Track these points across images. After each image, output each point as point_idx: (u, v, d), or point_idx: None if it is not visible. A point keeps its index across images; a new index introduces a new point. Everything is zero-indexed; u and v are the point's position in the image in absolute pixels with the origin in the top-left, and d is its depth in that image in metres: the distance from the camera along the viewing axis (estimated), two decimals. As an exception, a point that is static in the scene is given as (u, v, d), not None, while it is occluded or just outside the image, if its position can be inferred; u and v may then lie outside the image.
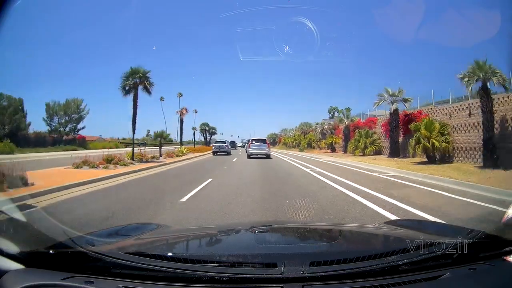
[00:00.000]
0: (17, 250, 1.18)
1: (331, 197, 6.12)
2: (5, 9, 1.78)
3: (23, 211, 3.89)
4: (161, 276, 1.08)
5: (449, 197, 6.20)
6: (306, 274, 1.07)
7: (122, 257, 1.14)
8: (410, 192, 6.71)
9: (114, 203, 5.56)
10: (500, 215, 4.00)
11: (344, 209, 5.01)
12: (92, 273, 1.11)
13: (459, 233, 1.45)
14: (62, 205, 5.33)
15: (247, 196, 6.18)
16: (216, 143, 28.43)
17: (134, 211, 4.84)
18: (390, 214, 4.62)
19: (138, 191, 7.22)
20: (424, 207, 5.08)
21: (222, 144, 28.08)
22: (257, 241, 1.69)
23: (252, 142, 21.59)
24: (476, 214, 4.77)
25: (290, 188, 7.40)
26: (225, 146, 27.80)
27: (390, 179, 9.13)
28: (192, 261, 1.14)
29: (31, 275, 1.10)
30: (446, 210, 5.02)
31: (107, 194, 6.69)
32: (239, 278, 1.07)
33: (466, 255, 1.19)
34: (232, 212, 4.80)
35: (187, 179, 9.13)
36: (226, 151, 27.19)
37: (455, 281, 1.12)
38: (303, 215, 4.76)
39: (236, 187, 7.45)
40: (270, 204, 5.36)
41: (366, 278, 1.10)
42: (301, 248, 1.55)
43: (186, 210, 4.99)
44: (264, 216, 4.62)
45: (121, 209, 4.97)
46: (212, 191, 6.93)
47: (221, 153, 26.58)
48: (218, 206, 5.23)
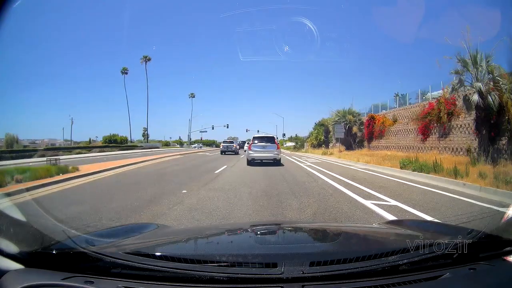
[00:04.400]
0: (17, 250, 1.18)
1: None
2: (5, 9, 1.78)
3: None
4: (161, 276, 1.08)
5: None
6: (306, 274, 1.07)
7: (122, 257, 1.14)
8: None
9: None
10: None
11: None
12: (92, 273, 1.11)
13: (459, 233, 1.45)
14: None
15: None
16: (224, 143, 28.80)
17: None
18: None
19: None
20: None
21: (230, 144, 28.51)
22: (257, 241, 1.69)
23: (254, 141, 14.29)
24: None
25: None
26: (232, 146, 28.09)
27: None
28: (192, 261, 1.14)
29: (31, 275, 1.11)
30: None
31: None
32: (239, 278, 1.07)
33: (466, 255, 1.19)
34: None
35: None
36: (233, 150, 27.50)
37: (455, 281, 1.13)
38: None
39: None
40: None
41: (366, 278, 1.10)
42: (301, 248, 1.55)
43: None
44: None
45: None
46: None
47: (229, 152, 27.03)
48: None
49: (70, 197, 6.33)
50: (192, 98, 68.60)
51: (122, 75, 53.72)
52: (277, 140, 15.34)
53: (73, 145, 45.19)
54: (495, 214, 4.76)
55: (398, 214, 4.71)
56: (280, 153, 14.49)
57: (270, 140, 14.46)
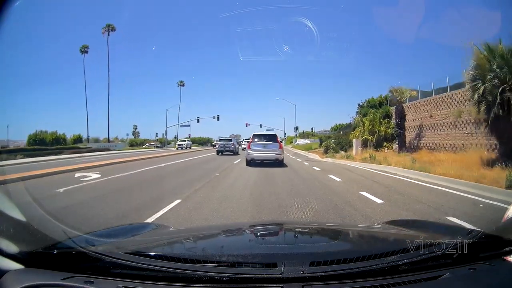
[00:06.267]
0: (17, 250, 1.18)
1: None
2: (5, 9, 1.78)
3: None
4: (161, 276, 1.08)
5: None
6: (306, 274, 1.07)
7: (122, 257, 1.14)
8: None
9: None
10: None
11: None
12: (92, 273, 1.11)
13: (459, 233, 1.45)
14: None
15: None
16: (220, 141, 23.74)
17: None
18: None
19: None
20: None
21: (227, 142, 23.12)
22: (257, 241, 1.69)
23: (254, 139, 12.79)
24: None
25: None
26: (230, 144, 22.87)
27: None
28: (192, 261, 1.14)
29: (31, 275, 1.11)
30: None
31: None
32: (239, 278, 1.07)
33: (466, 255, 1.19)
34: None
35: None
36: (232, 150, 22.53)
37: (455, 281, 1.13)
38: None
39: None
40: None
41: (366, 278, 1.11)
42: (301, 248, 1.55)
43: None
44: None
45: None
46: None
47: (227, 152, 22.22)
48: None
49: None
50: (181, 87, 56.82)
51: (82, 54, 42.41)
52: (279, 138, 13.90)
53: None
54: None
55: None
56: (282, 153, 12.99)
57: (272, 138, 12.94)
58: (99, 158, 18.82)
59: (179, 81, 56.99)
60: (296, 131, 42.97)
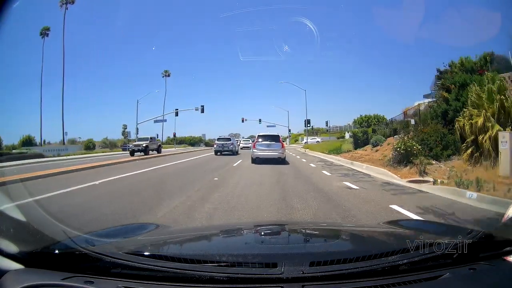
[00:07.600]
0: (17, 250, 1.18)
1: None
2: (5, 9, 1.78)
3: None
4: (161, 276, 1.08)
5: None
6: (306, 274, 1.07)
7: (122, 257, 1.14)
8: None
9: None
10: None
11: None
12: (92, 273, 1.11)
13: (459, 233, 1.45)
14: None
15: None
16: (218, 141, 21.84)
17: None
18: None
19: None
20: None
21: (225, 141, 21.58)
22: (257, 241, 1.69)
23: (259, 140, 14.13)
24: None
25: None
26: (229, 144, 21.45)
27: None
28: (192, 261, 1.14)
29: (31, 275, 1.11)
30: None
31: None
32: (239, 278, 1.07)
33: (466, 255, 1.19)
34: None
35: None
36: (231, 150, 21.25)
37: (455, 281, 1.12)
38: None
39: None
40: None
41: (366, 278, 1.10)
42: (301, 248, 1.55)
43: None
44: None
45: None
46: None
47: (226, 152, 21.03)
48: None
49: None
50: (166, 77, 50.12)
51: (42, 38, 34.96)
52: (281, 138, 15.40)
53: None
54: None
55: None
56: (284, 152, 14.14)
57: (275, 138, 14.28)
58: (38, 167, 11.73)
59: (164, 70, 50.67)
60: (308, 125, 34.37)
